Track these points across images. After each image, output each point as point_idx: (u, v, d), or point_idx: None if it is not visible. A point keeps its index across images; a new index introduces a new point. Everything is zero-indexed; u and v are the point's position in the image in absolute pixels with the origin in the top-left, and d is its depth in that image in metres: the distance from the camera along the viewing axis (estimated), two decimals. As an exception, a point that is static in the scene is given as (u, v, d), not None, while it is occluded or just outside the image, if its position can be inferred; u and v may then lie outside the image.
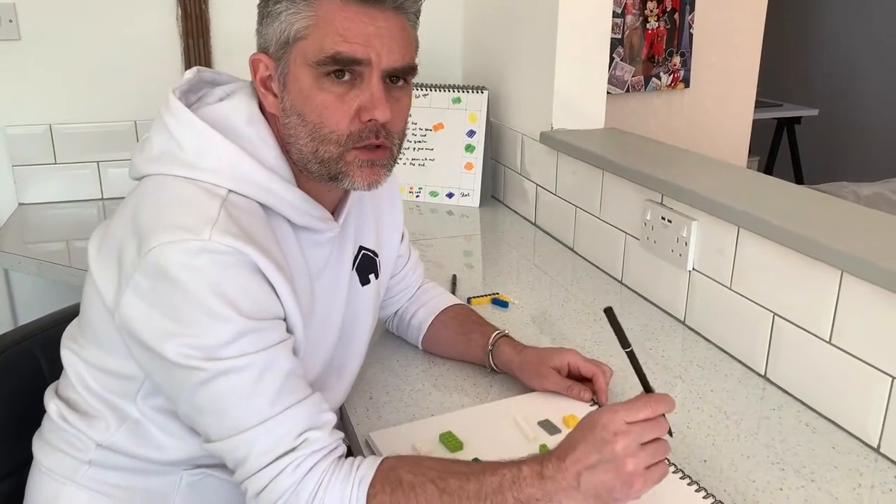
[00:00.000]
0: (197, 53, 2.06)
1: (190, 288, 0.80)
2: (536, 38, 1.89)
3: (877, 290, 1.00)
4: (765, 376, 1.21)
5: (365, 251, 1.09)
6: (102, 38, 2.02)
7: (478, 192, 2.08)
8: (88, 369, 0.96)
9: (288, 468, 0.82)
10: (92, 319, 0.93)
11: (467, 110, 2.07)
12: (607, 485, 0.80)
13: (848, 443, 1.05)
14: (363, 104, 0.88)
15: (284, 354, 0.85)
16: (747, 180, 1.47)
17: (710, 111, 2.64)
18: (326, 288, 1.01)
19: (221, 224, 0.82)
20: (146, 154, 0.92)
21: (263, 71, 0.92)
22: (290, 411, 0.83)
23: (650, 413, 0.82)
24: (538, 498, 0.81)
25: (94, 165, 2.08)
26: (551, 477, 0.81)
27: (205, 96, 0.98)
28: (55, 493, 0.98)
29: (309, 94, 0.88)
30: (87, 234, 0.95)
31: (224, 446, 0.84)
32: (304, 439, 0.83)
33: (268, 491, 0.82)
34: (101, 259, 0.90)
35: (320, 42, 0.86)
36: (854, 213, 1.24)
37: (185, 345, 0.81)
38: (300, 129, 0.90)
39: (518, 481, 0.82)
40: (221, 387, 0.82)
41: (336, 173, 0.91)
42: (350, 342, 1.08)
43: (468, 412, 1.09)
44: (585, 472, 0.80)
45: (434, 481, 0.83)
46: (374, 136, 0.90)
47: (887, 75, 4.58)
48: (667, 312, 1.45)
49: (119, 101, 2.06)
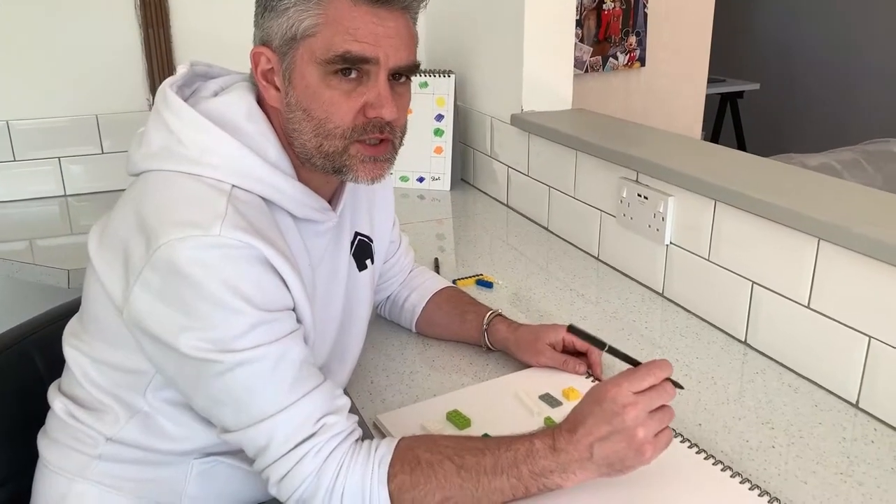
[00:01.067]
0: (157, 44, 2.02)
1: (202, 283, 0.81)
2: (503, 21, 1.92)
3: (853, 255, 1.06)
4: (745, 342, 1.28)
5: (361, 237, 1.11)
6: (59, 29, 1.97)
7: (448, 176, 2.10)
8: (94, 365, 0.96)
9: (309, 454, 0.84)
10: (97, 316, 0.93)
11: (434, 94, 2.09)
12: (619, 454, 0.84)
13: (829, 400, 1.12)
14: (370, 101, 0.90)
15: (297, 343, 0.87)
16: (719, 155, 1.53)
17: (665, 89, 2.71)
18: (327, 276, 1.02)
19: (230, 219, 0.83)
20: (144, 150, 0.91)
21: (265, 64, 0.92)
22: (307, 398, 0.85)
23: (653, 380, 0.86)
24: (552, 470, 0.85)
25: (55, 162, 2.03)
26: (563, 449, 0.85)
27: (198, 90, 0.97)
28: (64, 490, 0.98)
29: (316, 91, 0.89)
30: (50, 233, 0.95)
31: (242, 436, 0.85)
32: (322, 424, 0.85)
33: (290, 477, 0.84)
34: (103, 256, 0.90)
35: (330, 40, 0.87)
36: (823, 182, 1.31)
37: (199, 338, 0.82)
38: (304, 123, 0.91)
39: (532, 454, 0.85)
40: (238, 378, 0.83)
41: (340, 167, 0.93)
42: (350, 327, 1.09)
43: (470, 390, 1.12)
44: (598, 443, 0.84)
45: (451, 458, 0.85)
46: (378, 131, 0.92)
47: (825, 51, 4.75)
48: (645, 286, 1.50)
49: (79, 94, 2.01)
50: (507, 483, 0.84)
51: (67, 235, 1.86)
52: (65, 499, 0.97)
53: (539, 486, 0.85)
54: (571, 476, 0.85)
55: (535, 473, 0.85)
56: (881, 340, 1.05)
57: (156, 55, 2.02)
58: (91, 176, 2.06)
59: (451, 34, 2.22)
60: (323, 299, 1.01)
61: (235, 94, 0.94)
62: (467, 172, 2.20)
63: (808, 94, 4.89)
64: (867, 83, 4.55)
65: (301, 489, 0.84)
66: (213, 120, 0.89)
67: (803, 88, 4.91)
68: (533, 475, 0.85)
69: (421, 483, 0.84)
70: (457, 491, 0.84)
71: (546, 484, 0.85)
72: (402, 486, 0.84)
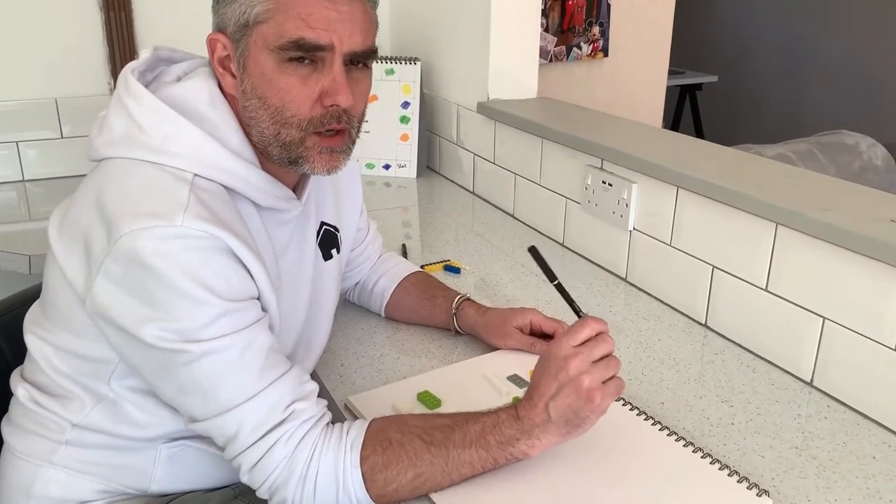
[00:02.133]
0: (118, 27, 1.98)
1: (165, 274, 0.81)
2: (470, 10, 1.93)
3: (809, 239, 1.10)
4: (706, 325, 1.31)
5: (326, 227, 1.12)
6: (18, 11, 1.92)
7: (414, 163, 2.11)
8: (57, 353, 0.95)
9: (280, 440, 0.84)
10: (59, 304, 0.93)
11: (401, 82, 2.09)
12: (572, 406, 0.86)
13: (784, 379, 1.16)
14: (325, 89, 0.89)
15: (263, 332, 0.87)
16: (682, 144, 1.56)
17: (627, 79, 2.75)
18: (292, 265, 1.02)
19: (192, 209, 0.83)
20: (106, 136, 0.91)
21: (221, 51, 0.92)
22: (275, 385, 0.85)
23: (590, 332, 0.88)
24: (517, 437, 0.88)
25: (12, 146, 1.98)
26: (525, 416, 0.88)
27: (161, 75, 0.97)
28: (31, 475, 0.97)
29: (271, 78, 0.89)
30: (7, 219, 0.94)
31: (211, 425, 0.86)
32: (292, 411, 0.86)
33: (262, 464, 0.85)
34: (64, 244, 0.89)
35: (282, 26, 0.86)
36: (780, 171, 1.35)
37: (163, 329, 0.82)
38: (261, 112, 0.90)
39: (497, 425, 0.88)
40: (204, 368, 0.83)
41: (296, 157, 0.92)
42: (317, 316, 1.10)
43: (439, 372, 1.14)
44: (551, 402, 0.87)
45: (420, 436, 0.87)
46: (335, 122, 0.91)
47: (781, 45, 4.86)
48: (609, 271, 1.53)
49: (37, 76, 1.96)
50: (476, 455, 0.87)
51: (26, 221, 1.82)
52: (32, 484, 0.97)
53: (507, 455, 0.88)
54: (536, 442, 0.88)
55: (502, 443, 0.88)
56: (834, 321, 1.09)
57: (117, 38, 1.99)
58: (50, 161, 2.02)
59: (417, 21, 2.22)
60: (288, 288, 1.01)
61: (197, 80, 0.93)
62: (433, 160, 2.22)
63: (764, 86, 5.00)
64: (821, 77, 4.67)
65: (274, 476, 0.85)
66: (174, 107, 0.89)
67: (759, 81, 5.02)
68: (500, 445, 0.87)
69: (393, 462, 0.86)
70: (427, 467, 0.86)
71: (513, 453, 0.88)
72: (375, 467, 0.85)
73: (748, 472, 0.94)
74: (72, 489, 0.96)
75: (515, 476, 0.90)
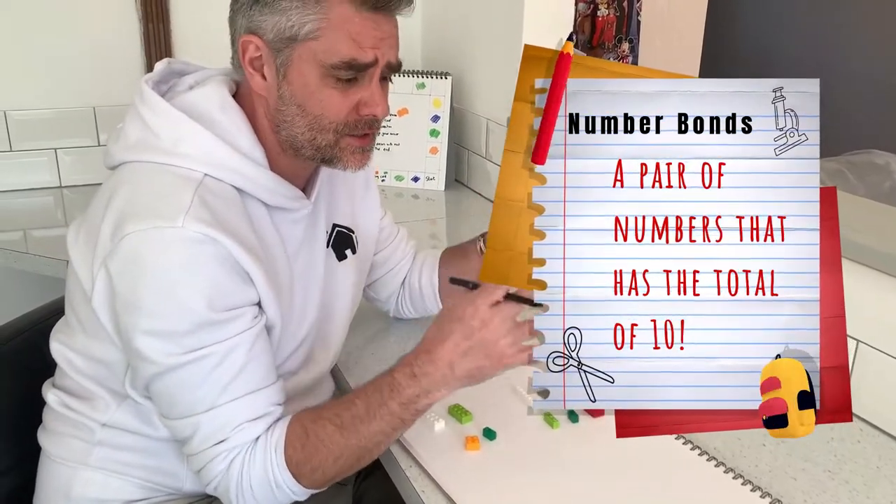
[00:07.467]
0: (157, 38, 2.02)
1: (159, 275, 0.85)
2: (501, 25, 1.94)
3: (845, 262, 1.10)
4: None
5: (339, 228, 1.13)
6: (60, 21, 1.97)
7: (443, 176, 2.13)
8: (78, 356, 0.99)
9: (219, 457, 0.89)
10: (76, 308, 0.97)
11: (431, 96, 2.11)
12: (481, 368, 0.89)
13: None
14: (364, 100, 0.94)
15: (244, 345, 0.90)
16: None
17: (655, 96, 2.75)
18: (303, 265, 1.05)
19: (194, 211, 0.86)
20: (122, 143, 0.94)
21: (254, 52, 0.94)
22: (234, 403, 0.89)
23: (503, 293, 0.89)
24: (417, 395, 0.90)
25: (51, 153, 2.02)
26: (424, 373, 0.90)
27: (175, 85, 1.01)
28: (69, 478, 1.00)
29: (315, 90, 0.92)
30: (45, 224, 0.98)
31: (171, 424, 0.92)
32: (239, 430, 0.89)
33: (204, 472, 0.91)
34: (78, 246, 0.94)
35: (334, 46, 0.90)
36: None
37: (146, 329, 0.86)
38: (298, 118, 0.94)
39: (395, 388, 0.90)
40: (175, 378, 0.88)
41: (330, 157, 0.97)
42: (331, 315, 1.11)
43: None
44: (458, 361, 0.89)
45: (331, 420, 0.91)
46: (367, 127, 0.96)
47: (810, 61, 4.84)
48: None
49: (77, 86, 2.01)
50: (384, 423, 0.90)
51: (62, 227, 1.86)
52: (71, 487, 0.99)
53: (411, 413, 0.91)
54: (436, 394, 0.90)
55: (404, 404, 0.90)
56: (868, 344, 1.09)
57: (155, 50, 2.03)
58: (86, 168, 2.06)
59: (449, 37, 2.25)
60: (300, 288, 1.03)
61: (209, 87, 0.96)
62: (461, 173, 2.23)
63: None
64: (851, 94, 4.63)
65: (214, 483, 0.91)
66: (187, 112, 0.92)
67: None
68: (402, 406, 0.90)
69: (313, 454, 0.90)
70: (343, 449, 0.90)
71: (417, 409, 0.91)
72: (300, 462, 0.90)
73: (780, 494, 0.93)
74: (111, 489, 0.99)
75: (537, 483, 0.90)
